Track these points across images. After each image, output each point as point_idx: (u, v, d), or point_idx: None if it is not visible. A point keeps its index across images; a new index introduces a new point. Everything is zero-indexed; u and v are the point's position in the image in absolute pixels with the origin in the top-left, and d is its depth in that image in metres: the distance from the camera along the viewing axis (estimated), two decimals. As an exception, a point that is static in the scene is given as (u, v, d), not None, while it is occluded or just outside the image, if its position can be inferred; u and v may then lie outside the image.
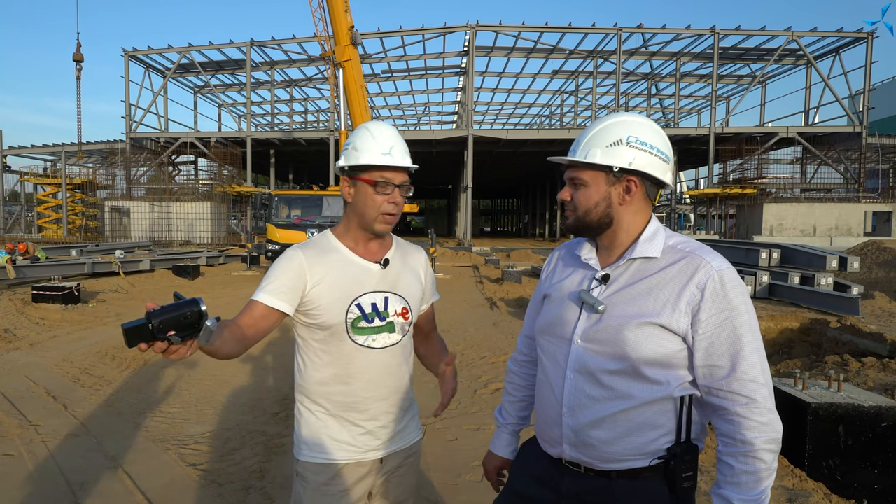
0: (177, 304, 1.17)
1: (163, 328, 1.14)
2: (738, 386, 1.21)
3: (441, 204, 69.83)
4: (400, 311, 1.60)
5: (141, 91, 32.16)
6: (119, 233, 29.20)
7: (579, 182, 1.33)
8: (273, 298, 1.50)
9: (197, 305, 1.17)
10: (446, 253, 20.74)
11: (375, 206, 1.53)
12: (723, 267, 1.24)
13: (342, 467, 1.57)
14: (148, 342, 1.15)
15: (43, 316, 8.39)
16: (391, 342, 1.59)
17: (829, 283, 9.11)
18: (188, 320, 1.16)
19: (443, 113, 46.82)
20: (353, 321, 1.54)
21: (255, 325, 1.49)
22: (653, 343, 1.24)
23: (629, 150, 1.28)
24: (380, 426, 1.60)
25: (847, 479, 3.00)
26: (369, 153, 1.52)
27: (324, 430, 1.58)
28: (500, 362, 6.12)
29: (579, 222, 1.35)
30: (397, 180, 1.55)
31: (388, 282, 1.60)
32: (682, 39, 29.80)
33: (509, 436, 1.62)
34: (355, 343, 1.55)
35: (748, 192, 27.37)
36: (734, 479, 1.21)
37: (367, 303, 1.56)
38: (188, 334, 1.17)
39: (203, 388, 5.20)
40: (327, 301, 1.53)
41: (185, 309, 1.16)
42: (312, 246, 1.60)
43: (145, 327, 1.13)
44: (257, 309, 1.50)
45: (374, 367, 1.57)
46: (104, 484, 3.29)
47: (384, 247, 1.65)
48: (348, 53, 18.01)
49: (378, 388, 1.58)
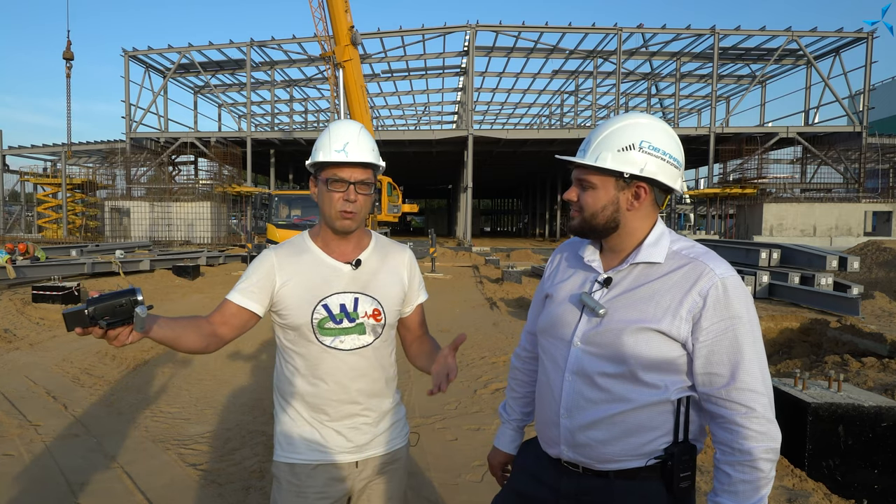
0: (114, 292, 1.24)
1: (97, 314, 1.21)
2: (737, 395, 1.20)
3: (441, 204, 69.84)
4: (371, 313, 1.57)
5: (141, 91, 32.19)
6: (119, 233, 29.19)
7: (587, 184, 1.31)
8: (243, 298, 1.53)
9: (133, 294, 1.24)
10: (446, 253, 20.74)
11: (331, 204, 1.52)
12: (726, 274, 1.23)
13: (314, 468, 1.54)
14: (84, 327, 1.22)
15: (43, 316, 8.39)
16: (361, 344, 1.55)
17: (829, 283, 9.11)
18: (122, 308, 1.22)
19: (443, 113, 46.82)
20: (319, 322, 1.52)
21: (227, 323, 1.52)
22: (652, 348, 1.23)
23: (641, 155, 1.26)
24: (351, 428, 1.56)
25: (847, 479, 2.99)
26: (324, 151, 1.53)
27: (296, 430, 1.56)
28: (500, 362, 6.12)
29: (585, 224, 1.33)
30: (353, 177, 1.51)
31: (358, 282, 1.58)
32: (682, 39, 29.81)
33: (513, 431, 1.62)
34: (322, 344, 1.53)
35: (748, 192, 27.36)
36: (731, 487, 1.21)
37: (336, 303, 1.54)
38: (121, 321, 1.23)
39: (203, 388, 5.20)
40: (294, 301, 1.53)
41: (122, 297, 1.23)
42: (287, 246, 1.62)
43: (82, 313, 1.21)
44: (228, 307, 1.53)
45: (342, 368, 1.54)
46: (104, 484, 3.29)
47: (359, 247, 1.62)
48: (348, 53, 18.02)
49: (347, 390, 1.55)
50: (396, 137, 31.63)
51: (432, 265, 15.70)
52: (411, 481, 3.32)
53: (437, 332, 7.71)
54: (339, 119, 1.61)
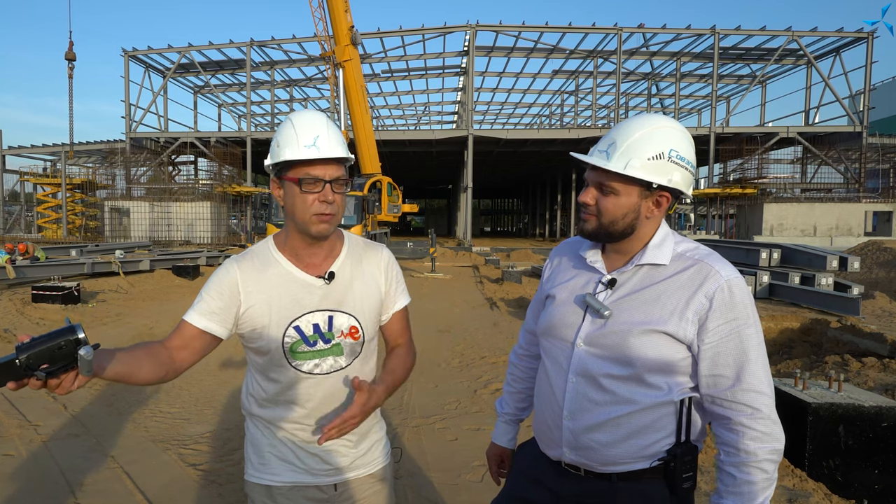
0: (49, 334, 1.03)
1: (33, 363, 1.00)
2: (742, 396, 1.20)
3: (441, 204, 69.84)
4: (347, 331, 1.42)
5: (141, 91, 32.23)
6: (119, 233, 29.20)
7: (609, 189, 1.25)
8: (204, 320, 1.35)
9: (73, 333, 1.03)
10: (446, 253, 20.74)
11: (306, 207, 1.33)
12: (732, 276, 1.23)
13: (290, 489, 1.44)
14: (17, 380, 1.02)
15: (43, 316, 8.39)
16: (338, 366, 1.42)
17: (829, 283, 9.11)
18: (63, 350, 1.02)
19: (443, 113, 46.84)
20: (291, 345, 1.38)
21: (187, 346, 1.35)
22: (658, 350, 1.23)
23: (670, 165, 1.23)
24: (328, 451, 1.45)
25: (847, 479, 2.99)
26: (291, 147, 1.33)
27: (269, 450, 1.45)
28: (500, 362, 6.12)
29: (602, 230, 1.28)
30: (328, 175, 1.34)
31: (332, 299, 1.41)
32: (682, 39, 29.83)
33: (506, 425, 1.63)
34: (297, 370, 1.40)
35: (748, 192, 27.37)
36: (735, 488, 1.20)
37: (308, 324, 1.39)
38: (64, 366, 1.03)
39: (203, 388, 5.20)
40: (262, 324, 1.38)
41: (59, 339, 1.02)
42: (251, 258, 1.43)
43: (12, 364, 1.00)
44: (187, 330, 1.35)
45: (319, 393, 1.41)
46: (104, 484, 3.29)
47: (331, 254, 1.45)
48: (348, 53, 18.02)
49: (325, 416, 1.42)
50: (396, 137, 31.63)
51: (432, 265, 15.71)
52: (411, 481, 3.32)
53: (437, 332, 7.71)
54: (295, 112, 1.41)
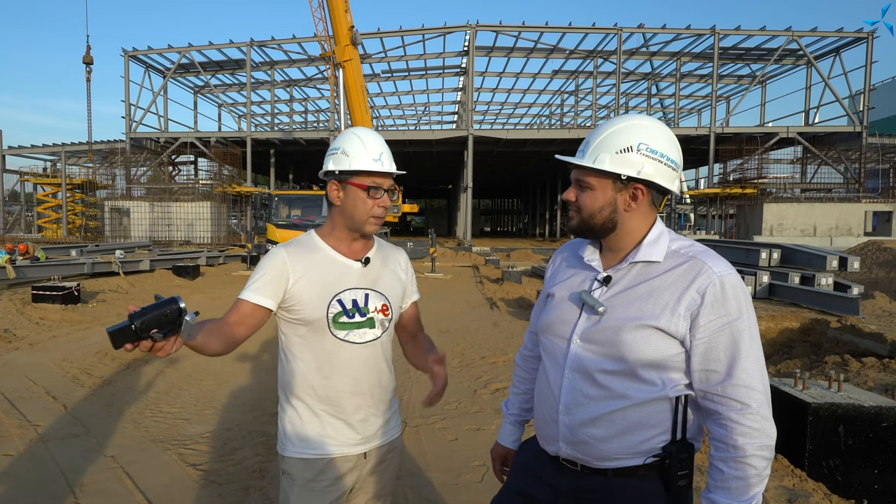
0: (156, 303, 1.23)
1: (145, 327, 1.20)
2: (732, 391, 1.21)
3: (441, 204, 69.81)
4: (380, 308, 1.65)
5: (141, 91, 32.19)
6: (119, 233, 29.19)
7: (585, 185, 1.33)
8: (258, 296, 1.56)
9: (176, 303, 1.23)
10: (446, 253, 20.73)
11: (366, 209, 1.60)
12: (725, 272, 1.24)
13: (328, 462, 1.60)
14: (133, 342, 1.21)
15: (43, 316, 8.39)
16: (371, 337, 1.63)
17: (829, 283, 9.10)
18: (168, 318, 1.22)
19: (443, 113, 46.81)
20: (334, 316, 1.59)
21: (243, 323, 1.56)
22: (650, 345, 1.24)
23: (639, 157, 1.28)
24: (361, 420, 1.63)
25: (847, 479, 3.00)
26: (360, 159, 1.59)
27: (308, 426, 1.61)
28: (500, 362, 6.12)
29: (583, 224, 1.35)
30: (386, 185, 1.63)
31: (368, 279, 1.66)
32: (682, 39, 29.80)
33: (511, 426, 1.66)
34: (336, 338, 1.59)
35: (748, 192, 27.35)
36: (724, 483, 1.21)
37: (348, 298, 1.61)
38: (170, 331, 1.23)
39: (203, 388, 5.20)
40: (309, 297, 1.58)
41: (165, 307, 1.22)
42: (296, 244, 1.66)
43: (129, 328, 1.20)
44: (244, 307, 1.56)
45: (355, 361, 1.61)
46: (104, 484, 3.29)
47: (367, 246, 1.71)
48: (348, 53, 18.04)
49: (359, 382, 1.62)
50: (396, 137, 31.60)
51: (432, 265, 15.69)
52: (411, 481, 3.32)
53: (436, 332, 7.70)
54: (357, 128, 1.69)
